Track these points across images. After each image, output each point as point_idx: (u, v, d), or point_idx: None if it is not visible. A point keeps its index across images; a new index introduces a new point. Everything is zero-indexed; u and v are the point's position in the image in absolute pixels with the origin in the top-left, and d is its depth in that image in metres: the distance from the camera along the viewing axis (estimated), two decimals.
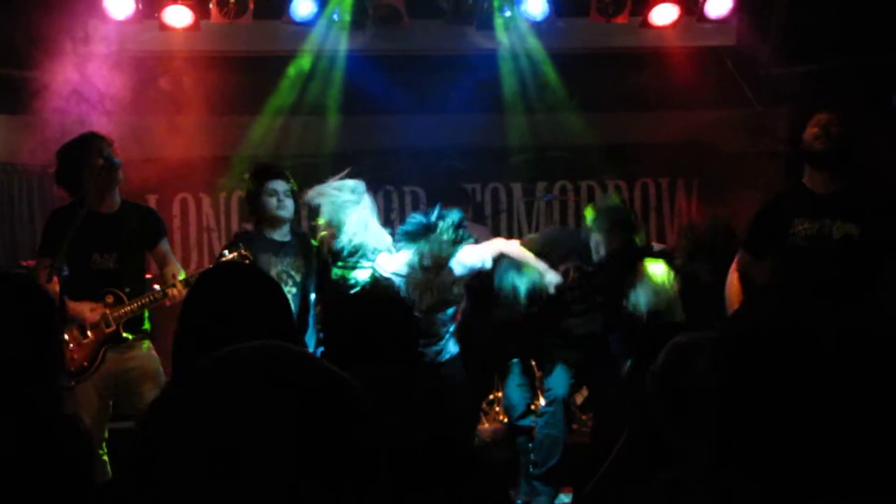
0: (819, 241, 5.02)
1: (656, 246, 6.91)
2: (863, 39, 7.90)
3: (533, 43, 8.30)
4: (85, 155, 5.27)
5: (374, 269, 5.63)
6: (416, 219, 5.69)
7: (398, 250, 5.74)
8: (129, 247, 5.41)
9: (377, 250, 5.69)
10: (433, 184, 8.90)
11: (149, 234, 5.57)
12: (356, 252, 5.65)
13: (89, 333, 5.23)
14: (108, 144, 5.32)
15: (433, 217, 5.60)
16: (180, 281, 5.35)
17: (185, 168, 8.66)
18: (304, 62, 8.49)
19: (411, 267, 5.56)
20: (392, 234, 7.43)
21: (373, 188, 9.04)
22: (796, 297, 1.54)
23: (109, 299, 5.29)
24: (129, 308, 5.30)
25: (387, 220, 9.10)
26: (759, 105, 8.81)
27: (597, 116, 9.03)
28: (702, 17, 7.94)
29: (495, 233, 8.70)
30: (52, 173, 7.73)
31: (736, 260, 5.43)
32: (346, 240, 5.61)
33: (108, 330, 5.26)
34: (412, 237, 5.60)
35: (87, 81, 8.22)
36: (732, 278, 5.40)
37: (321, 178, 8.94)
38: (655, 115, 8.87)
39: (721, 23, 8.08)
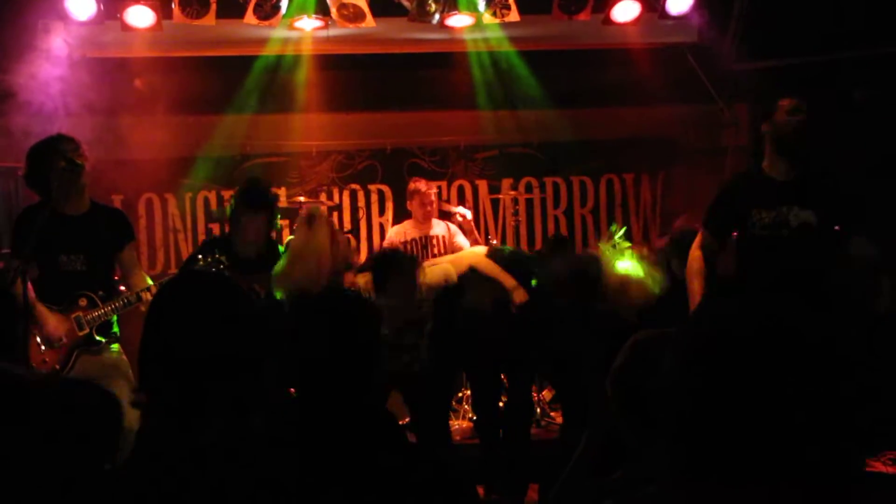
0: (777, 229, 5.11)
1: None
2: (824, 35, 7.98)
3: (497, 40, 8.32)
4: (48, 156, 5.22)
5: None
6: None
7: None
8: (96, 249, 5.37)
9: None
10: (399, 182, 8.93)
11: (116, 237, 5.53)
12: None
13: (63, 339, 5.21)
14: (74, 146, 5.26)
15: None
16: (155, 286, 5.35)
17: (150, 168, 8.64)
18: (268, 61, 8.48)
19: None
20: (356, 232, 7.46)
21: (338, 187, 9.14)
22: (756, 294, 1.57)
23: (83, 302, 5.27)
24: (102, 311, 5.29)
25: (352, 219, 9.14)
26: (721, 101, 8.88)
27: (561, 113, 9.08)
28: (663, 14, 7.99)
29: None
30: (21, 176, 7.78)
31: (697, 239, 5.51)
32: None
33: (81, 333, 5.25)
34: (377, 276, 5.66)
35: (51, 83, 8.18)
36: (694, 255, 5.48)
37: (286, 177, 9.04)
38: (619, 111, 8.92)
39: (682, 19, 8.13)
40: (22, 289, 4.80)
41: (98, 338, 5.30)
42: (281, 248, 5.82)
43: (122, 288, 5.52)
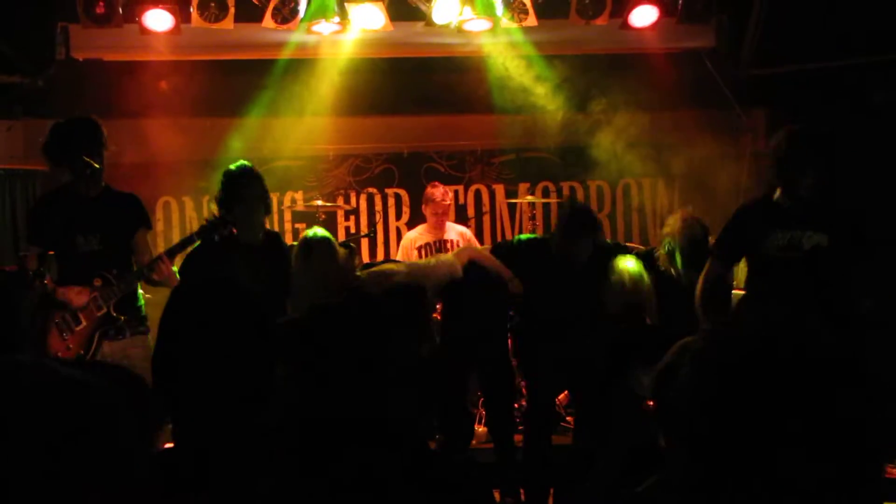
0: (790, 252, 5.08)
1: (635, 247, 6.98)
2: (841, 40, 7.96)
3: (515, 45, 8.31)
4: (71, 146, 5.27)
5: None
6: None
7: None
8: (112, 229, 5.43)
9: None
10: (416, 186, 8.95)
11: (132, 220, 5.58)
12: None
13: (81, 319, 5.25)
14: (96, 145, 5.32)
15: None
16: (164, 253, 5.41)
17: (168, 171, 8.69)
18: (286, 65, 8.50)
19: None
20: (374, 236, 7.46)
21: (355, 190, 9.15)
22: (774, 311, 1.57)
23: (98, 282, 5.29)
24: (116, 286, 5.31)
25: (369, 223, 9.15)
26: (739, 106, 8.86)
27: (578, 117, 9.07)
28: (681, 19, 7.98)
29: (478, 234, 8.75)
30: (41, 173, 7.86)
31: (706, 269, 5.45)
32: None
33: (100, 312, 5.28)
34: None
35: (69, 86, 8.25)
36: (702, 287, 5.43)
37: (303, 181, 9.06)
38: (637, 116, 8.90)
39: (700, 24, 8.13)
40: (40, 282, 4.85)
41: (116, 315, 5.32)
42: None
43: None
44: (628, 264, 5.85)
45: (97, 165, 5.25)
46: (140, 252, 5.60)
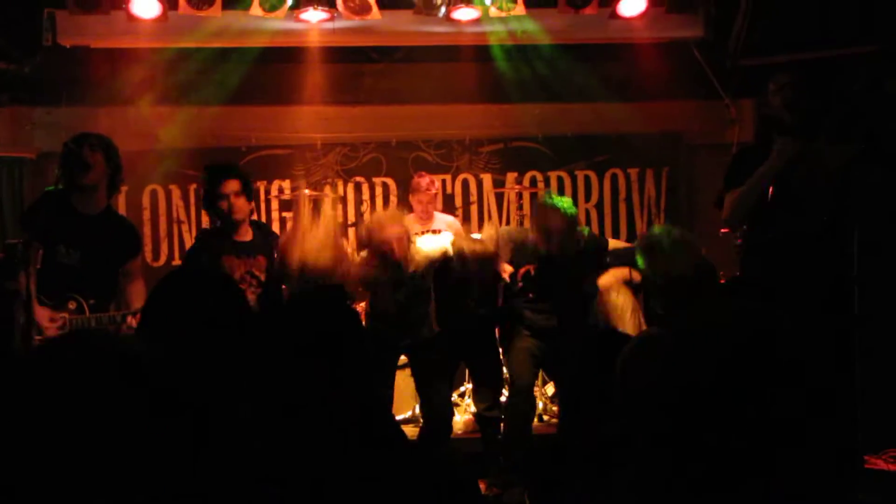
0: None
1: (617, 243, 6.99)
2: (830, 31, 7.96)
3: (502, 34, 8.30)
4: (64, 151, 5.23)
5: None
6: None
7: None
8: (95, 251, 5.26)
9: None
10: (403, 175, 8.94)
11: (122, 248, 5.47)
12: None
13: (44, 332, 5.03)
14: (78, 151, 5.23)
15: None
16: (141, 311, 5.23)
17: (154, 159, 8.67)
18: (274, 53, 8.48)
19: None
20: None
21: (343, 179, 9.15)
22: (742, 301, 1.57)
23: (72, 305, 5.16)
24: (87, 318, 5.16)
25: (356, 212, 9.15)
26: (727, 96, 8.87)
27: (566, 107, 9.08)
28: (670, 8, 7.98)
29: (466, 224, 8.74)
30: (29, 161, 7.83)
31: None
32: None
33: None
34: None
35: (55, 73, 8.23)
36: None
37: (290, 169, 9.05)
38: (625, 106, 8.90)
39: (688, 14, 8.13)
40: (26, 276, 4.79)
41: None
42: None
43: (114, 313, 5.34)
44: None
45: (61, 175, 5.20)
46: (129, 277, 5.50)
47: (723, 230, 6.36)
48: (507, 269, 6.22)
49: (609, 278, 6.39)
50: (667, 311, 5.10)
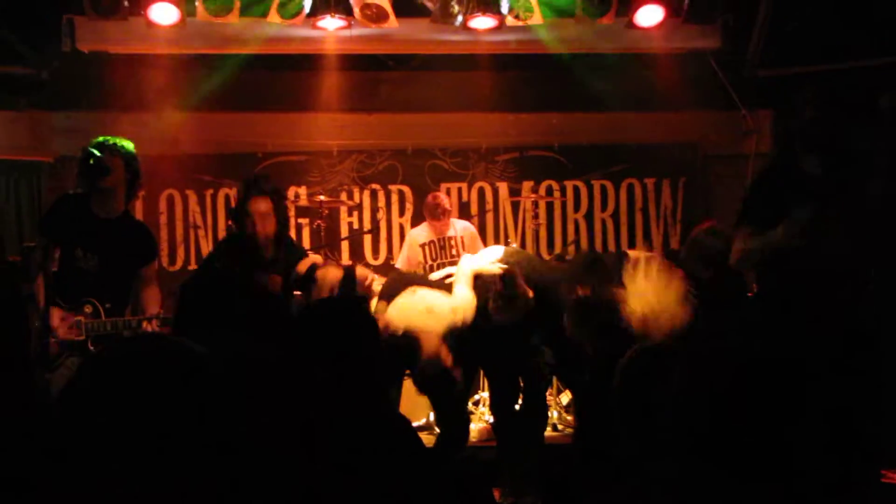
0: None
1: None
2: (848, 42, 7.94)
3: (520, 42, 8.30)
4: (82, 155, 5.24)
5: None
6: None
7: None
8: (112, 255, 5.25)
9: None
10: (419, 183, 8.95)
11: (138, 252, 5.45)
12: None
13: (58, 336, 5.03)
14: (96, 155, 5.22)
15: None
16: (157, 318, 5.16)
17: (171, 165, 8.69)
18: (291, 60, 8.51)
19: None
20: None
21: (359, 186, 9.16)
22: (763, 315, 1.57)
23: (88, 309, 5.12)
24: (103, 322, 5.12)
25: (372, 220, 9.15)
26: (744, 107, 8.85)
27: (583, 117, 9.08)
28: (687, 19, 7.97)
29: (480, 232, 8.74)
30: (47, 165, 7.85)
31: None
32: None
33: (78, 338, 5.08)
34: None
35: (74, 79, 8.27)
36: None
37: (307, 176, 9.07)
38: (641, 116, 8.90)
39: (706, 25, 8.12)
40: (42, 278, 4.79)
41: (92, 349, 5.07)
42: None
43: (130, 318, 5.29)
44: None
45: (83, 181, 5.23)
46: (144, 282, 5.46)
47: None
48: None
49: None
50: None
